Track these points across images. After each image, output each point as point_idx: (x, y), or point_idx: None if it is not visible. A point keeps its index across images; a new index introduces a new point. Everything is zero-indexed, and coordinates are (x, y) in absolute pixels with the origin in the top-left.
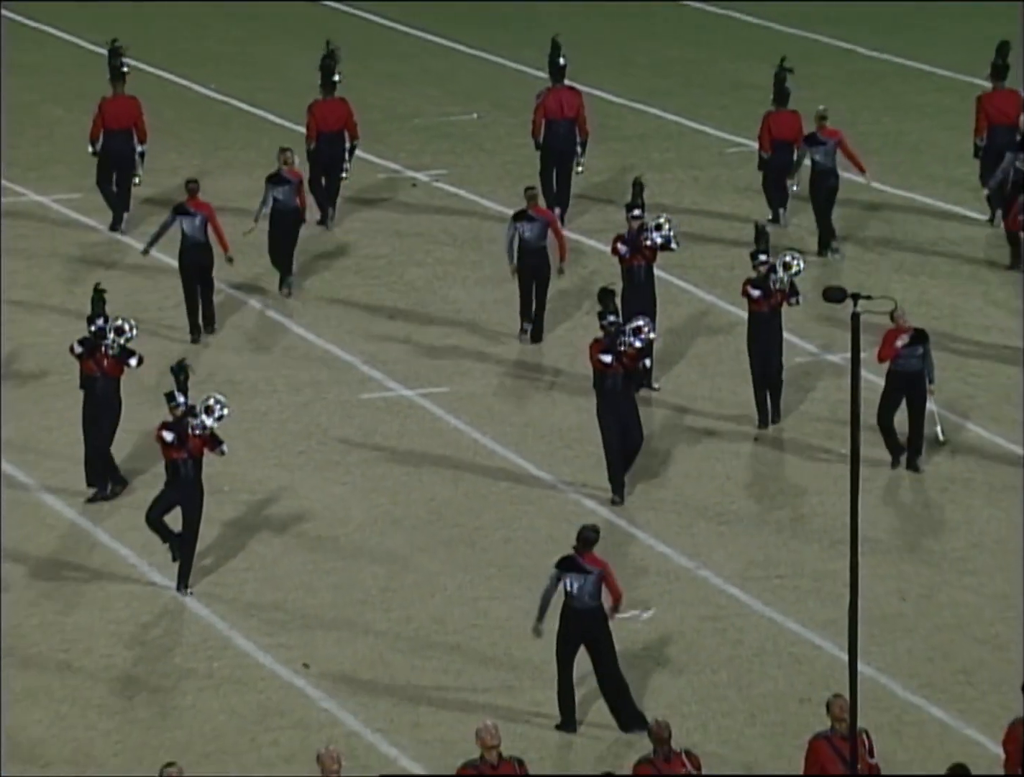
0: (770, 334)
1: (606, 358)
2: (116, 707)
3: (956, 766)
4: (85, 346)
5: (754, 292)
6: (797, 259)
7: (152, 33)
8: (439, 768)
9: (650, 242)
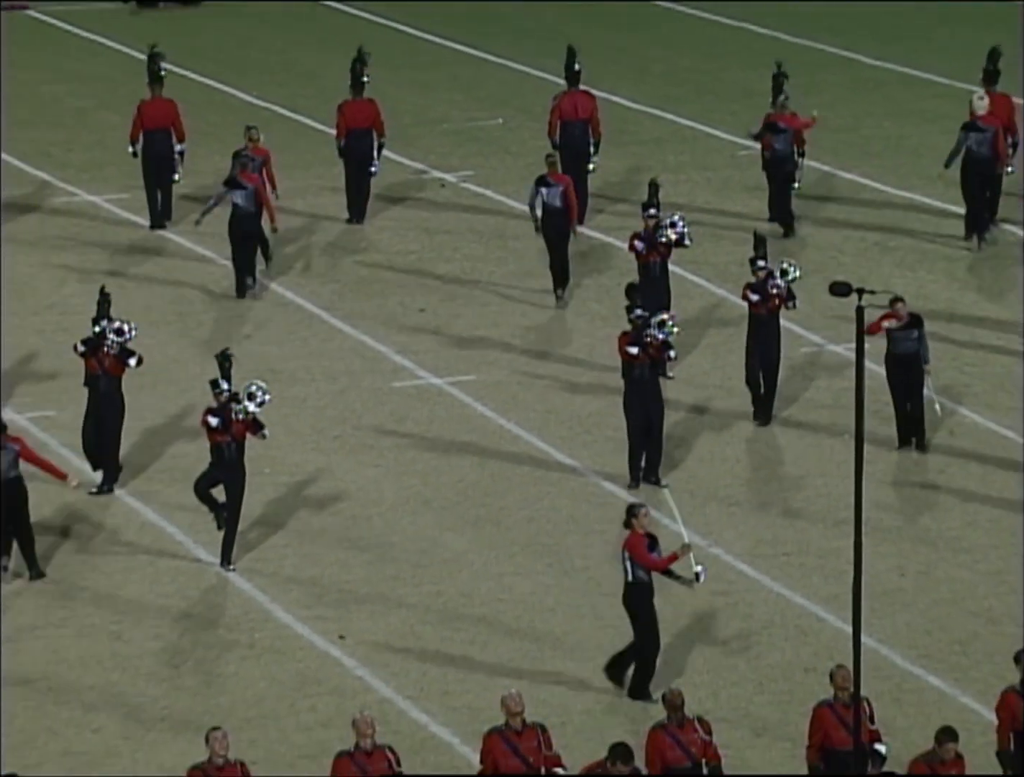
0: (768, 335)
1: (633, 349)
2: (164, 675)
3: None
4: (88, 346)
5: (753, 296)
6: (794, 266)
7: (199, 43)
8: (467, 733)
9: (665, 239)
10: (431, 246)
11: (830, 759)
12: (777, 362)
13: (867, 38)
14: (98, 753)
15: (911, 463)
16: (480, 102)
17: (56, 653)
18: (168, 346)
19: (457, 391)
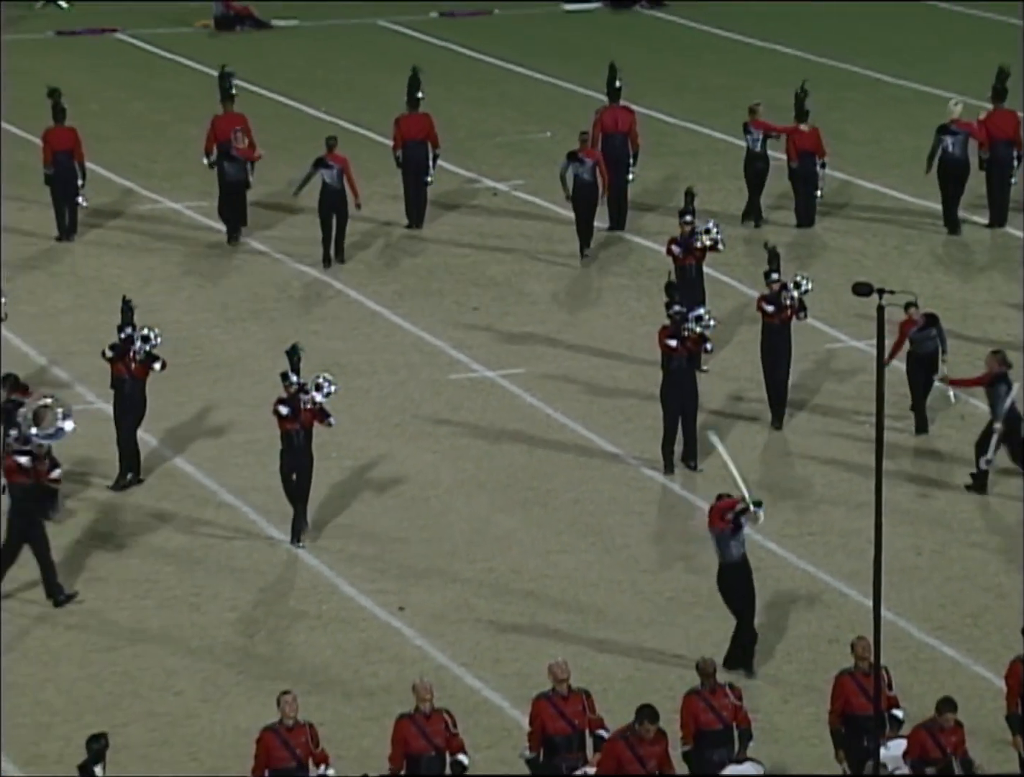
0: (780, 344)
1: (672, 342)
2: (239, 643)
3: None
4: (116, 351)
5: (768, 307)
6: (806, 279)
7: (271, 63)
8: (516, 698)
9: (700, 244)
10: (484, 249)
11: (851, 723)
12: (788, 369)
13: (888, 59)
14: (179, 714)
15: (927, 449)
16: (529, 117)
17: (140, 623)
18: (243, 341)
19: (508, 383)
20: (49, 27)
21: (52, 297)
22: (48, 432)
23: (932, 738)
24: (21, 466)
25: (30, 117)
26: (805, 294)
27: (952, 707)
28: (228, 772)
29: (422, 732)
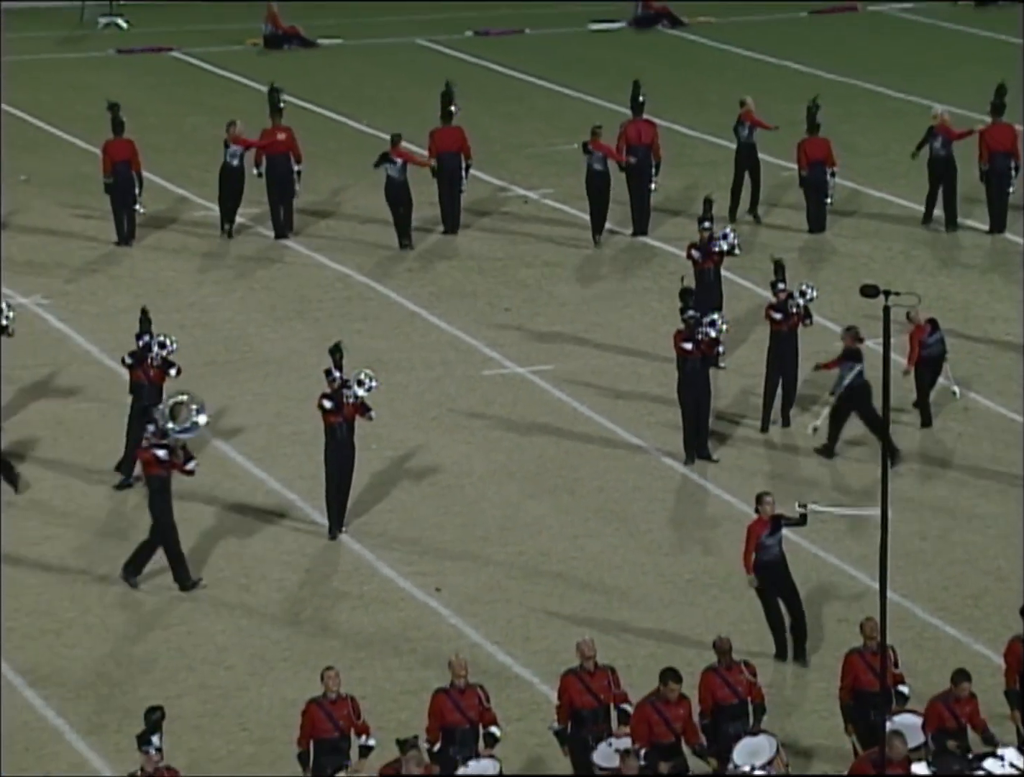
0: (788, 350)
1: (687, 345)
2: (285, 621)
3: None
4: (134, 358)
5: (776, 315)
6: (811, 288)
7: (318, 80)
8: (546, 674)
9: (718, 249)
10: (515, 254)
11: (859, 698)
12: (796, 372)
13: (893, 75)
14: (229, 687)
15: (931, 442)
16: (559, 130)
17: (195, 602)
18: (289, 340)
19: (537, 379)
20: (110, 46)
21: (112, 298)
22: (184, 426)
23: (948, 709)
24: (159, 459)
25: (93, 130)
26: (810, 302)
27: (966, 677)
28: (275, 742)
29: (457, 706)
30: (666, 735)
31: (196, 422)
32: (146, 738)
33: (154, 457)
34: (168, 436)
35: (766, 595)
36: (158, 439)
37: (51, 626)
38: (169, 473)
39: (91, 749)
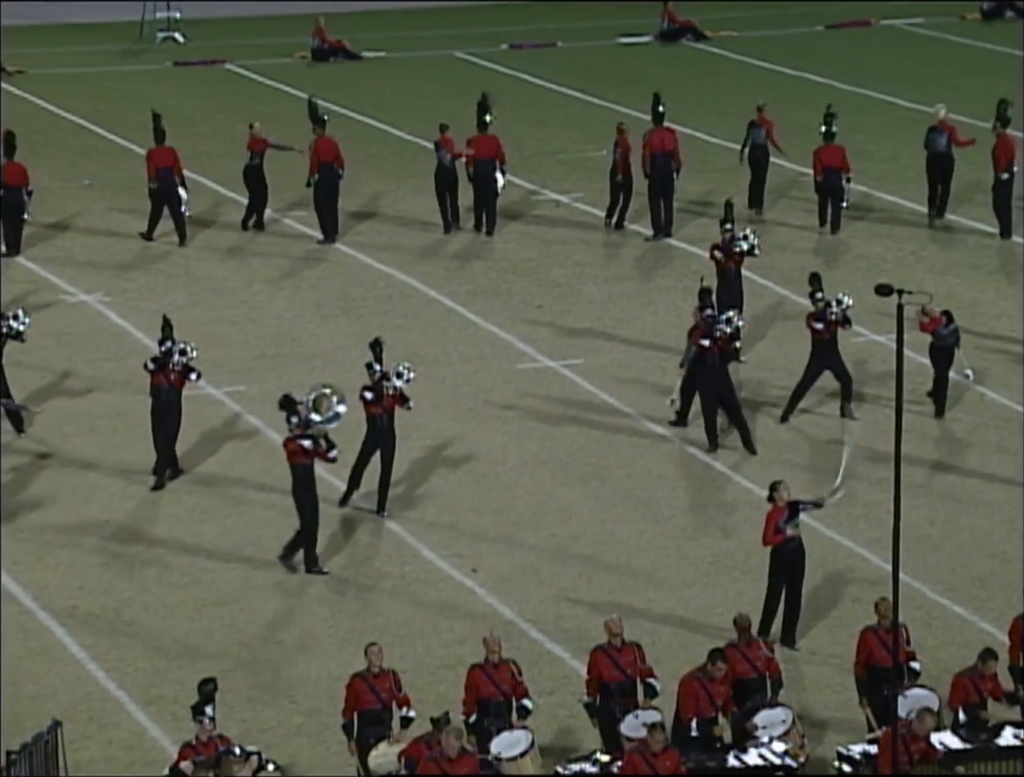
0: (832, 353)
1: (705, 342)
2: (331, 600)
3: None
4: (156, 363)
5: (817, 325)
6: (847, 296)
7: (362, 90)
8: (576, 650)
9: (739, 250)
10: (547, 254)
11: (873, 673)
12: (847, 371)
13: (904, 86)
14: (279, 661)
15: (940, 431)
16: (588, 137)
17: (247, 581)
18: (334, 335)
19: (568, 372)
20: (168, 59)
21: (169, 295)
22: (327, 416)
23: (973, 684)
24: (304, 448)
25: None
26: (847, 309)
27: (994, 656)
28: (322, 713)
29: (491, 680)
30: (708, 710)
31: (337, 413)
32: (200, 709)
33: (299, 447)
34: (311, 427)
35: (774, 579)
36: (302, 430)
37: (112, 604)
38: (312, 461)
39: (149, 719)
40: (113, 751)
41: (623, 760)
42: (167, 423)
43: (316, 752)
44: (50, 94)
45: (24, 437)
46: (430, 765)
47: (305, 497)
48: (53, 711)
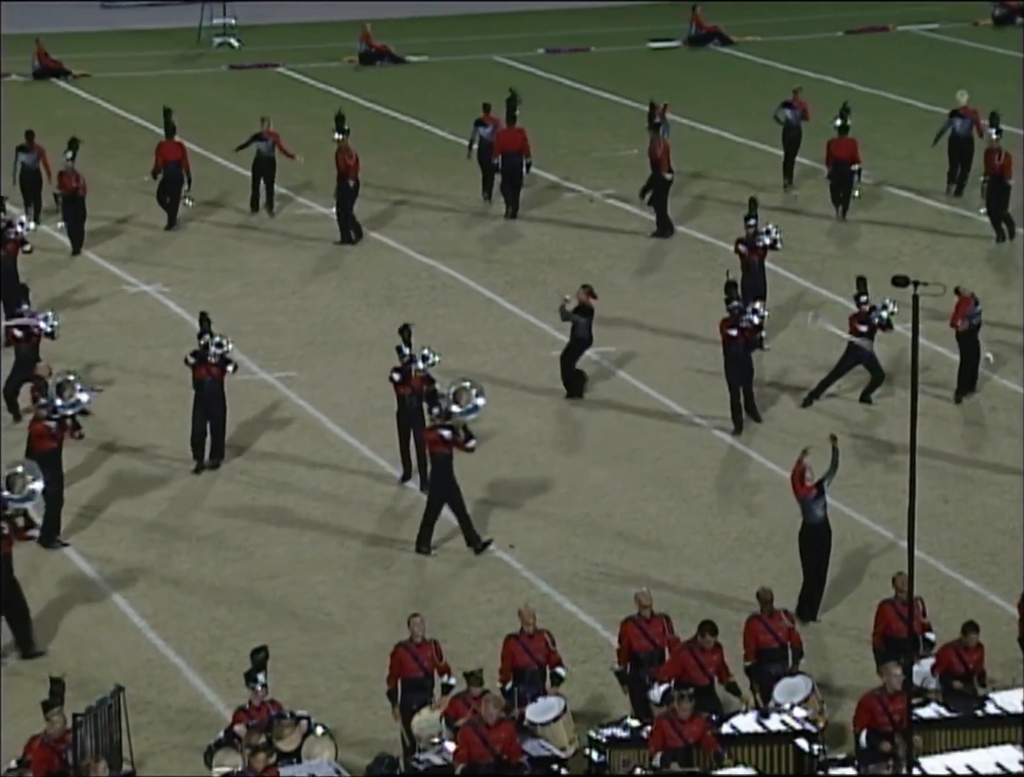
0: (871, 357)
1: (733, 331)
2: (378, 573)
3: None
4: (196, 357)
5: (861, 327)
6: (894, 303)
7: (407, 92)
8: (607, 621)
9: (762, 244)
10: (581, 247)
11: (890, 644)
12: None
13: (920, 88)
14: (328, 631)
15: (953, 415)
16: (620, 137)
17: (297, 556)
18: (380, 323)
19: (601, 359)
20: (223, 63)
21: (225, 286)
22: (467, 408)
23: (957, 656)
24: (443, 438)
25: (207, 138)
26: (892, 315)
27: (975, 629)
28: (368, 680)
29: (526, 649)
30: (701, 678)
31: (476, 405)
32: (253, 675)
33: (439, 437)
34: (451, 417)
35: (806, 559)
36: (442, 420)
37: (171, 576)
38: (451, 451)
39: (205, 684)
40: (172, 714)
41: (653, 726)
42: (215, 413)
43: (362, 717)
44: (114, 96)
45: (88, 418)
46: (470, 731)
47: (442, 483)
48: (116, 677)
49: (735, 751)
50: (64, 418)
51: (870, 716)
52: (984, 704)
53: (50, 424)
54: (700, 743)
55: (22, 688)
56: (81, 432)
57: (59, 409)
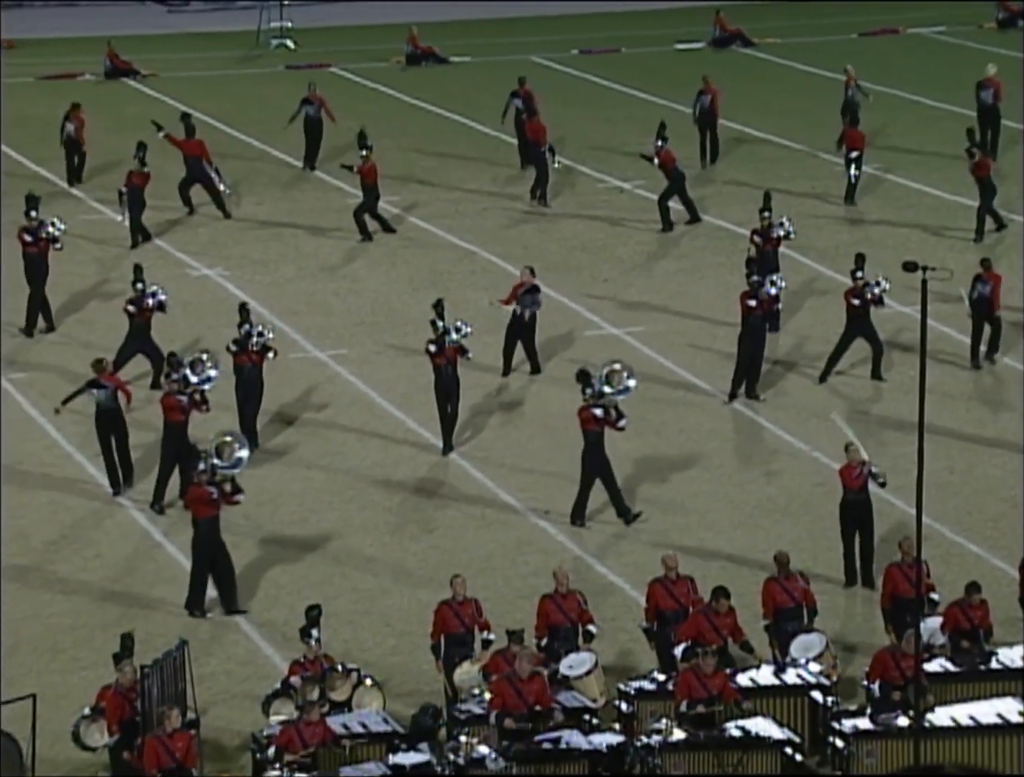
0: (866, 325)
1: (752, 302)
2: (422, 537)
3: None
4: (238, 345)
5: (855, 300)
6: (886, 279)
7: (452, 91)
8: (635, 582)
9: (776, 235)
10: (613, 234)
11: (897, 604)
12: (879, 337)
13: (929, 87)
14: (376, 591)
15: (959, 389)
16: (649, 132)
17: (347, 521)
18: (424, 305)
19: (630, 338)
20: (280, 63)
21: (280, 269)
22: (618, 389)
23: (963, 613)
24: (595, 417)
25: (265, 133)
26: (884, 291)
27: (978, 589)
28: (413, 635)
29: (560, 608)
30: (715, 640)
31: (628, 386)
32: (307, 631)
33: (592, 416)
34: (604, 398)
35: (845, 532)
36: (594, 400)
37: (231, 539)
38: (603, 429)
39: (263, 639)
40: (232, 666)
41: (678, 679)
42: (252, 396)
43: (408, 669)
44: (179, 94)
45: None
46: (505, 685)
47: (595, 460)
48: (180, 631)
49: (754, 702)
50: (194, 393)
51: (883, 669)
52: (989, 659)
53: (181, 398)
54: (722, 694)
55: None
56: (208, 406)
57: (191, 384)
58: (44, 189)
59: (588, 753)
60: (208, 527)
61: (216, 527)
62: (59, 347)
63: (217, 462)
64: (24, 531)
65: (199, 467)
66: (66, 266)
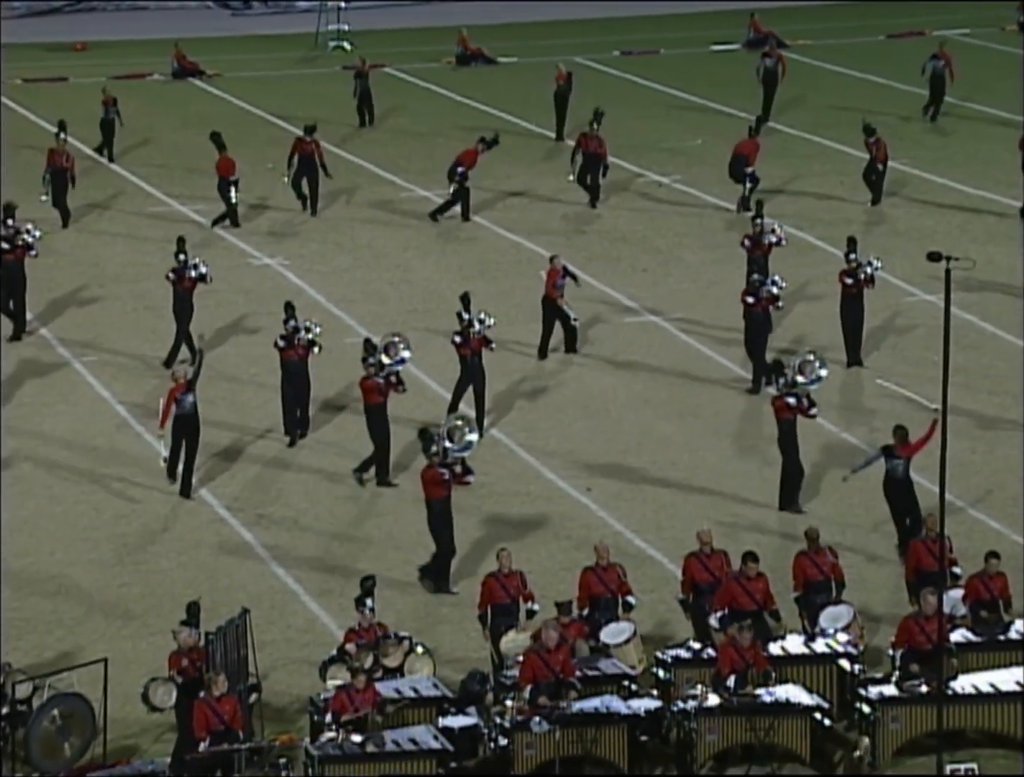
0: (857, 307)
1: (750, 299)
2: (469, 512)
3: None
4: (286, 340)
5: (848, 280)
6: (878, 259)
7: (499, 90)
8: (672, 556)
9: (768, 242)
10: (651, 226)
11: (922, 577)
12: (862, 323)
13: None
14: (407, 580)
15: (979, 377)
16: (686, 129)
17: (400, 497)
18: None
19: (668, 325)
20: (337, 64)
21: (337, 259)
22: (811, 379)
23: (983, 584)
24: (789, 405)
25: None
26: (877, 270)
27: (995, 555)
28: (463, 605)
29: (601, 580)
30: (749, 604)
31: (820, 376)
32: (362, 600)
33: (785, 404)
34: (796, 386)
35: (891, 506)
36: (789, 388)
37: (290, 514)
38: (795, 417)
39: (321, 608)
40: (291, 634)
41: (719, 650)
42: (301, 389)
43: (457, 638)
44: (242, 93)
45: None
46: (534, 656)
47: (789, 444)
48: (243, 600)
49: (786, 670)
50: (390, 375)
51: (908, 636)
52: (1008, 629)
53: (379, 380)
54: (755, 663)
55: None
56: (403, 387)
57: (386, 367)
58: (115, 184)
59: (627, 717)
60: (441, 507)
61: (448, 507)
62: (128, 333)
63: (448, 445)
64: (98, 506)
65: (431, 449)
66: (136, 256)
